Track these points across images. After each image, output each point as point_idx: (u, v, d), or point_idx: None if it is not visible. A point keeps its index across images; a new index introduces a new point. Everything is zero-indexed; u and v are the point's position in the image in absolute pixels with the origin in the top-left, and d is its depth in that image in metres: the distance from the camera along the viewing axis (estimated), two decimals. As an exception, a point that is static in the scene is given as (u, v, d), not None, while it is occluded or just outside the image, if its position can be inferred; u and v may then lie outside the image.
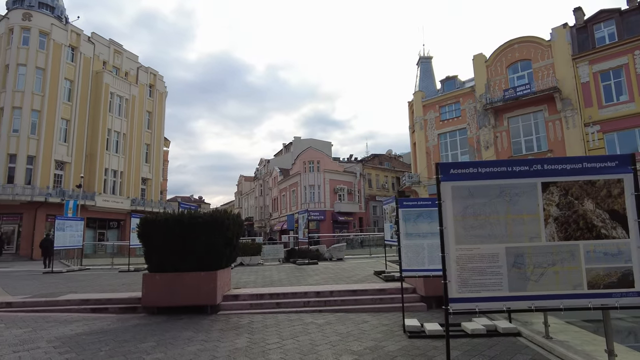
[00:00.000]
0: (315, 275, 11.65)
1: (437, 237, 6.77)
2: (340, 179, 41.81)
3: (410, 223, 6.77)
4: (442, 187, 3.61)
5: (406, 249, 6.75)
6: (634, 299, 3.48)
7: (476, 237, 3.55)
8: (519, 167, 3.61)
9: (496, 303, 3.50)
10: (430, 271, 6.68)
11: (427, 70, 36.31)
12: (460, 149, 31.58)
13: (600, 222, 3.55)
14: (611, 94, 25.29)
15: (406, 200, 6.90)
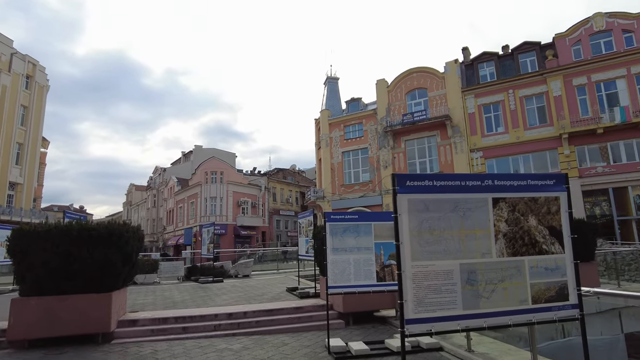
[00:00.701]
0: (223, 294, 10.77)
1: (363, 252, 6.67)
2: (244, 191, 40.64)
3: (337, 237, 6.52)
4: (398, 199, 3.39)
5: (333, 265, 6.47)
6: (569, 312, 3.62)
7: (431, 253, 3.39)
8: (472, 181, 3.58)
9: (451, 323, 3.35)
10: (357, 287, 6.49)
11: (334, 90, 37.56)
12: (362, 167, 32.99)
13: (542, 238, 3.66)
14: (492, 125, 28.79)
15: (333, 214, 6.66)
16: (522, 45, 29.14)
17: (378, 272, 6.55)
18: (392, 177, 3.41)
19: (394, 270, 6.60)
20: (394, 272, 6.59)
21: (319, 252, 9.04)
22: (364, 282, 6.47)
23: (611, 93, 25.56)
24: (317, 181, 38.36)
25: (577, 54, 26.84)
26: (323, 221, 6.74)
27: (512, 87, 28.27)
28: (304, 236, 10.93)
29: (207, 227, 14.96)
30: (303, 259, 11.30)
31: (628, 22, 25.85)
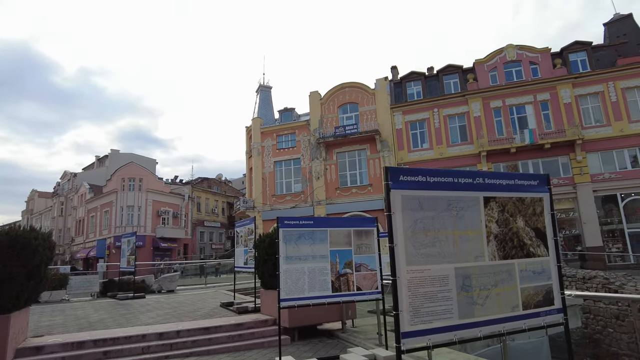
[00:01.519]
0: (149, 311, 9.55)
1: (318, 260, 6.18)
2: (165, 200, 37.94)
3: (291, 245, 5.96)
4: (392, 195, 2.99)
5: (286, 275, 5.88)
6: (555, 317, 3.46)
7: (426, 257, 3.02)
8: (464, 179, 3.30)
9: (447, 334, 2.99)
10: (311, 299, 5.95)
11: (266, 99, 36.98)
12: (294, 177, 32.63)
13: (529, 240, 3.49)
14: (417, 141, 30.21)
15: (287, 219, 6.09)
16: (447, 67, 31.16)
17: (333, 282, 6.09)
18: (385, 170, 3.00)
19: (350, 279, 6.21)
20: (349, 281, 6.19)
21: (262, 263, 8.38)
22: (319, 293, 5.97)
23: (522, 116, 28.22)
24: (246, 191, 37.20)
25: (494, 79, 29.35)
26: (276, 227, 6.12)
27: (437, 106, 30.00)
28: (242, 246, 10.15)
29: (128, 237, 13.40)
30: (241, 271, 10.47)
31: (534, 55, 28.92)
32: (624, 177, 25.55)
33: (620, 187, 25.50)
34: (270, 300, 8.32)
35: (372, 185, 29.91)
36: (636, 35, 28.57)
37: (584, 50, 28.32)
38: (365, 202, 29.35)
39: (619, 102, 26.37)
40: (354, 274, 6.19)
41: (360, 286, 6.23)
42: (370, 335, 7.55)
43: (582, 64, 28.10)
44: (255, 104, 37.22)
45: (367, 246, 6.34)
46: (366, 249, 6.32)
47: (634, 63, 26.65)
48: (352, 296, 6.20)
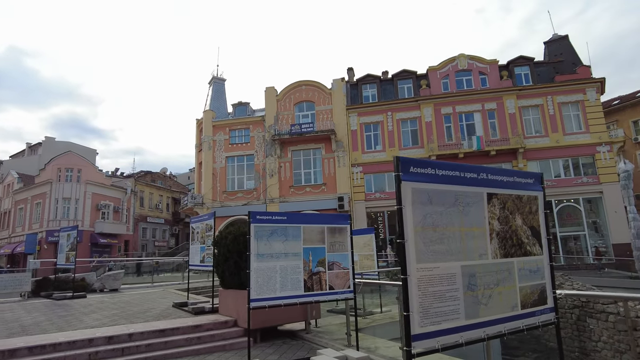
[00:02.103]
0: (92, 312, 8.69)
1: (290, 258, 5.86)
2: (106, 193, 35.44)
3: (262, 241, 5.61)
4: (402, 188, 2.78)
5: (257, 273, 5.52)
6: (548, 316, 3.44)
7: (435, 254, 2.85)
8: (470, 173, 3.17)
9: (454, 336, 2.84)
10: (283, 299, 5.63)
11: (220, 92, 35.79)
12: (246, 174, 31.85)
13: (526, 238, 3.45)
14: (371, 142, 30.64)
15: (260, 214, 5.72)
16: (401, 72, 31.93)
17: (306, 281, 5.81)
18: (395, 160, 2.79)
19: (322, 278, 5.97)
20: (322, 280, 5.94)
21: (223, 261, 7.90)
22: (291, 292, 5.67)
23: (470, 124, 29.56)
24: (195, 186, 35.78)
25: (446, 86, 30.48)
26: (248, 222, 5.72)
27: (390, 110, 30.62)
28: (198, 243, 9.56)
29: (68, 231, 12.19)
30: (196, 269, 9.87)
31: (483, 66, 30.43)
32: (558, 184, 27.55)
33: (555, 194, 27.46)
34: (231, 301, 7.89)
35: (326, 184, 29.91)
36: (571, 55, 30.99)
37: (527, 64, 30.23)
38: (319, 201, 29.27)
39: (555, 115, 28.42)
40: (326, 273, 5.96)
41: (333, 285, 6.01)
42: (336, 335, 7.36)
43: (525, 78, 29.99)
44: (207, 96, 35.91)
45: (341, 244, 6.14)
46: (339, 247, 6.12)
47: (569, 80, 28.88)
48: (325, 295, 5.96)
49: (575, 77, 28.92)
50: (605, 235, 26.90)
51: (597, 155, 27.51)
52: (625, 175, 19.80)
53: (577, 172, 27.76)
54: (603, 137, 27.68)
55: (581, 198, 27.36)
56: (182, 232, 47.61)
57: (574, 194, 27.35)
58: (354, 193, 29.44)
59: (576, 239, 27.40)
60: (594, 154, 27.58)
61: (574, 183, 27.42)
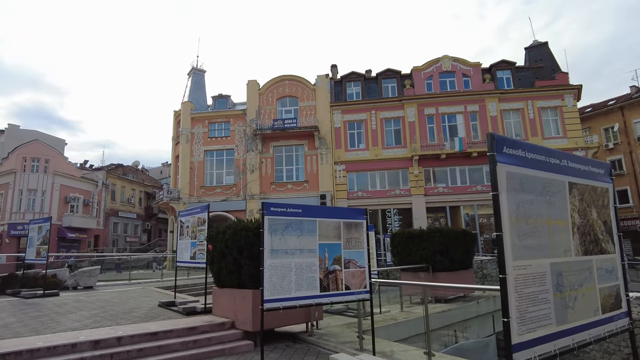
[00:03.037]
0: (70, 313, 7.88)
1: (306, 255, 5.35)
2: (75, 186, 33.60)
3: (277, 236, 5.08)
4: (498, 170, 2.34)
5: (271, 271, 4.98)
6: (623, 321, 3.10)
7: (527, 249, 2.45)
8: (553, 158, 2.77)
9: (547, 345, 2.45)
10: (298, 300, 5.12)
11: (199, 83, 34.66)
12: (226, 168, 30.91)
13: (601, 234, 3.09)
14: (355, 141, 30.35)
15: (274, 205, 5.18)
16: (386, 71, 31.79)
17: (322, 280, 5.32)
18: (489, 137, 2.36)
19: (338, 277, 5.49)
20: (338, 279, 5.47)
21: (219, 258, 7.29)
22: (307, 292, 5.16)
23: (452, 125, 29.73)
24: (171, 180, 34.49)
25: (429, 87, 30.55)
26: (259, 215, 5.18)
27: (374, 109, 30.42)
28: (188, 238, 8.89)
29: (39, 223, 11.19)
30: (186, 266, 9.18)
31: (467, 68, 30.67)
32: (536, 187, 28.03)
33: (533, 196, 27.96)
34: (228, 301, 7.30)
35: (308, 182, 29.42)
36: (550, 61, 31.73)
37: (509, 69, 30.70)
38: (300, 198, 28.69)
39: (535, 120, 28.97)
40: (342, 271, 5.49)
41: (349, 285, 5.55)
42: (342, 338, 6.90)
43: (507, 82, 30.45)
44: (186, 87, 34.69)
45: (357, 240, 5.68)
46: (355, 244, 5.66)
47: (549, 86, 29.51)
48: (341, 296, 5.50)
49: (554, 83, 29.58)
50: (579, 238, 27.56)
51: (574, 160, 28.16)
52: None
53: (554, 176, 28.34)
54: (579, 142, 28.41)
55: (558, 201, 27.94)
56: (154, 227, 45.98)
57: (551, 197, 27.90)
58: (336, 191, 29.08)
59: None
60: (571, 159, 28.21)
61: (551, 186, 27.97)
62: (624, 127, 35.34)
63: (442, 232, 10.68)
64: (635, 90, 37.22)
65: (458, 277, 10.73)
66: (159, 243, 42.78)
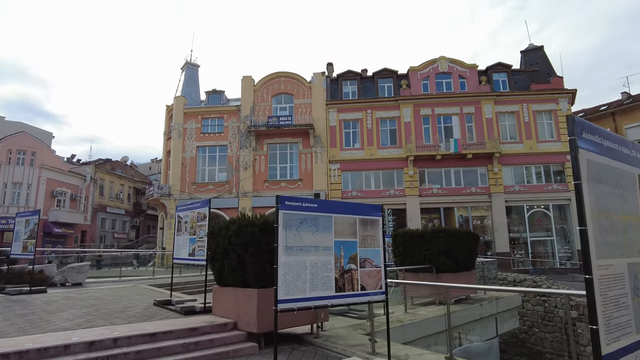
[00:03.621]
0: (60, 311, 7.42)
1: (321, 252, 5.01)
2: (63, 180, 32.70)
3: (291, 232, 4.74)
4: (580, 158, 2.04)
5: (285, 269, 4.64)
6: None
7: (608, 247, 2.15)
8: (625, 148, 2.48)
9: (630, 356, 2.15)
10: (313, 300, 4.79)
11: (193, 78, 34.07)
12: (218, 165, 30.40)
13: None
14: (350, 140, 30.09)
15: (289, 199, 4.85)
16: (382, 71, 31.58)
17: (337, 280, 5.00)
18: (569, 119, 2.06)
19: (354, 276, 5.17)
20: (353, 279, 5.15)
21: (222, 255, 6.91)
22: (322, 292, 4.83)
23: (448, 126, 29.64)
24: (162, 176, 33.83)
25: (425, 88, 30.43)
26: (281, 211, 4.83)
27: (370, 108, 30.19)
28: (186, 234, 8.49)
29: (26, 216, 10.65)
30: (184, 263, 8.78)
31: (463, 70, 30.62)
32: (530, 190, 28.16)
33: (527, 199, 28.06)
34: (230, 300, 6.93)
35: (302, 180, 29.08)
36: (546, 65, 31.84)
37: (505, 71, 30.72)
38: (294, 197, 28.30)
39: (530, 123, 29.02)
40: (358, 270, 5.17)
41: (365, 285, 5.23)
42: (351, 340, 6.59)
43: (503, 84, 30.46)
44: (179, 81, 34.07)
45: (373, 238, 5.38)
46: (371, 242, 5.35)
47: (544, 90, 29.62)
48: (357, 297, 5.18)
49: (549, 87, 29.69)
50: (571, 242, 27.74)
51: (567, 164, 28.29)
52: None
53: (548, 179, 28.46)
54: (573, 146, 28.50)
55: (551, 204, 28.07)
56: (143, 224, 45.15)
57: (545, 200, 28.02)
58: (330, 190, 28.78)
59: (544, 244, 28.09)
60: (564, 162, 28.37)
61: (544, 189, 28.09)
62: (615, 132, 35.63)
63: (446, 232, 10.43)
64: (627, 97, 37.64)
65: (462, 278, 10.49)
66: (148, 240, 41.98)
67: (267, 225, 6.44)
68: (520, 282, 14.75)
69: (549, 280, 14.93)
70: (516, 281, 14.92)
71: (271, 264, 6.33)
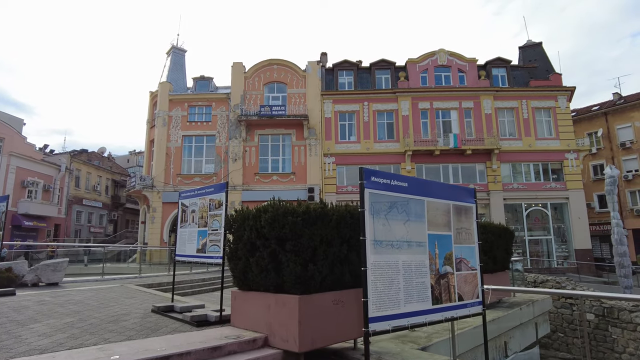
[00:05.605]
0: (34, 322, 5.82)
1: (415, 250, 3.63)
2: (35, 169, 30.17)
3: (380, 220, 3.39)
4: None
5: (375, 274, 3.27)
6: None
7: None
8: None
9: None
10: (409, 316, 3.43)
11: (179, 63, 32.07)
12: (206, 156, 28.64)
13: None
14: (345, 132, 28.82)
15: (375, 174, 3.48)
16: (380, 62, 30.41)
17: (433, 288, 3.68)
18: None
19: (450, 282, 3.86)
20: (450, 286, 3.83)
21: (248, 251, 5.48)
22: (417, 305, 3.50)
23: (446, 121, 28.74)
24: (144, 167, 31.80)
25: (424, 80, 29.43)
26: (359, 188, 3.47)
27: (367, 100, 28.99)
28: (193, 225, 7.01)
29: (-7, 204, 8.93)
30: (190, 261, 7.28)
31: (462, 64, 29.76)
32: (528, 188, 27.56)
33: (525, 197, 27.43)
34: (257, 308, 5.49)
35: (295, 174, 27.66)
36: (544, 62, 31.34)
37: (504, 67, 30.03)
38: (287, 191, 26.79)
39: (529, 120, 28.41)
40: (455, 275, 3.88)
41: (462, 293, 3.95)
42: (407, 356, 5.27)
43: (502, 79, 29.77)
44: (164, 67, 32.03)
45: (467, 232, 4.10)
46: (466, 237, 4.07)
47: (543, 86, 29.06)
48: (455, 310, 3.88)
49: (548, 84, 29.16)
50: (568, 241, 27.30)
51: (565, 162, 27.87)
52: (611, 181, 19.63)
53: (546, 177, 27.94)
54: (571, 144, 28.10)
55: (549, 203, 27.57)
56: (121, 218, 42.75)
57: (543, 198, 27.49)
58: (325, 185, 27.46)
59: (541, 243, 27.56)
60: (562, 161, 27.93)
61: (542, 188, 27.56)
62: (607, 132, 35.67)
63: (485, 227, 9.25)
64: (618, 97, 37.71)
65: (498, 279, 9.39)
66: (126, 235, 39.72)
67: (309, 214, 5.06)
68: (542, 282, 13.81)
69: (569, 280, 14.05)
70: (537, 282, 13.97)
71: (315, 263, 5.03)
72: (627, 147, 33.71)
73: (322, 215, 5.19)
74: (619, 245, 18.40)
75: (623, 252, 18.09)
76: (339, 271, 5.41)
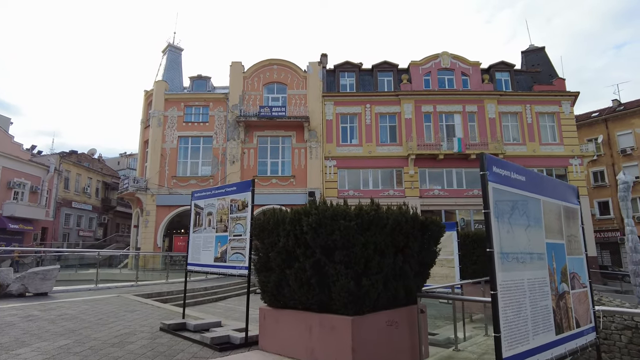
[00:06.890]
0: (22, 345, 4.83)
1: (536, 264, 2.64)
2: (22, 170, 28.78)
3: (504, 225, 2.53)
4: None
5: (505, 299, 2.42)
6: None
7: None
8: None
9: None
10: (537, 353, 2.58)
11: (176, 62, 31.07)
12: (202, 158, 27.61)
13: None
14: (347, 135, 28.02)
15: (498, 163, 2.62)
16: (382, 64, 29.76)
17: (555, 312, 2.85)
18: None
19: (568, 305, 3.02)
20: (568, 309, 3.00)
21: (281, 262, 4.61)
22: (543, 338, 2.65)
23: (450, 125, 28.13)
24: (137, 168, 30.62)
25: (427, 83, 28.82)
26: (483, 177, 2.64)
27: (369, 102, 28.29)
28: (212, 230, 6.09)
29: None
30: (202, 271, 6.32)
31: (466, 67, 29.23)
32: (533, 194, 26.94)
33: (530, 203, 26.81)
34: (293, 330, 4.62)
35: (295, 177, 26.73)
36: (547, 67, 30.98)
37: (508, 71, 29.60)
38: (286, 195, 26.00)
39: (533, 125, 27.93)
40: (571, 294, 3.06)
41: (578, 318, 3.12)
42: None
43: (506, 84, 29.31)
44: (160, 65, 30.99)
45: (575, 240, 3.29)
46: (575, 246, 3.26)
47: (547, 91, 28.65)
48: (574, 340, 3.01)
49: (552, 89, 28.77)
50: (573, 248, 26.72)
51: (570, 168, 27.42)
52: (624, 187, 19.03)
53: (551, 183, 27.38)
54: (575, 150, 27.67)
55: (554, 209, 26.98)
56: (112, 221, 41.34)
57: (548, 204, 26.89)
58: (326, 189, 26.59)
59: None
60: (567, 166, 27.47)
61: (547, 194, 26.98)
62: (607, 139, 35.48)
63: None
64: (617, 104, 37.60)
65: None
66: (116, 239, 38.33)
67: (363, 217, 4.21)
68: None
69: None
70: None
71: (368, 277, 4.17)
72: (627, 154, 33.50)
73: (376, 219, 4.35)
74: (633, 254, 17.80)
75: (638, 260, 17.51)
76: (392, 287, 4.58)
